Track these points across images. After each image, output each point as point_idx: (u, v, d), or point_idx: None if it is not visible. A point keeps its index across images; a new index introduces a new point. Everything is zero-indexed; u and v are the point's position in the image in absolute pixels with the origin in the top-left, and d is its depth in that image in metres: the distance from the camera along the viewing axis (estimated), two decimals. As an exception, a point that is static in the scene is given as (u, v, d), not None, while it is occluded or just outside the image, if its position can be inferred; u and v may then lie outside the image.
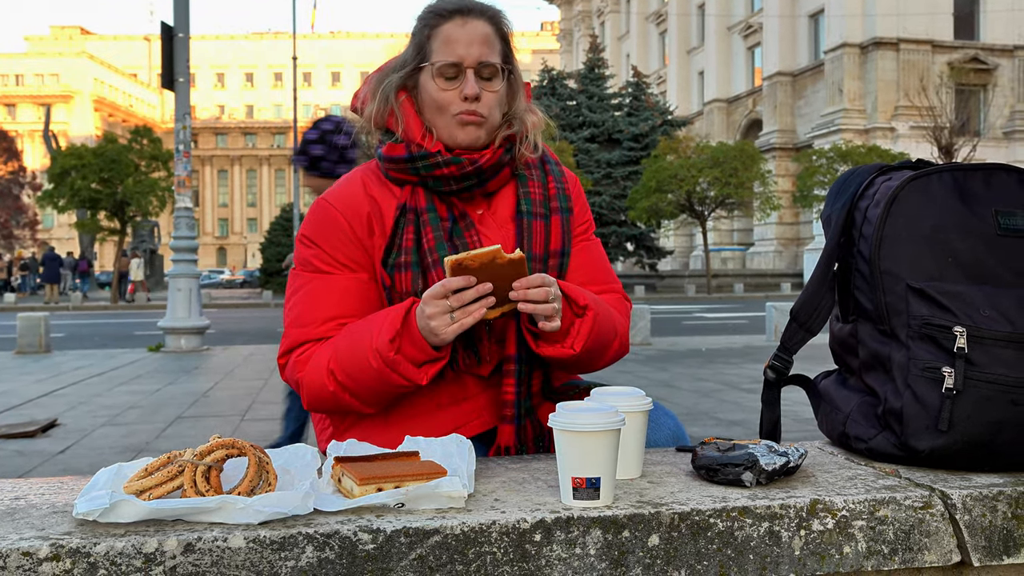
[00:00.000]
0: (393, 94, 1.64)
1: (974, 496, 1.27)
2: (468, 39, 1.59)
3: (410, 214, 1.62)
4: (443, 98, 1.60)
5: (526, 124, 1.68)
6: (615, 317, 1.67)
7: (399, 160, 1.62)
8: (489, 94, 1.61)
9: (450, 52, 1.59)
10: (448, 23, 1.60)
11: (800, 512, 1.22)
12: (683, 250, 49.67)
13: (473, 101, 1.59)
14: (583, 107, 38.85)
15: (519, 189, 1.69)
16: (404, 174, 1.63)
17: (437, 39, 1.61)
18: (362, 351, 1.50)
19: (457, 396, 1.63)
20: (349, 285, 1.61)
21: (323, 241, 1.62)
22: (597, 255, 1.77)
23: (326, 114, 4.29)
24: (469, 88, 1.58)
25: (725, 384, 7.39)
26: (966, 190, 1.43)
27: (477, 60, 1.59)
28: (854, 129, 37.31)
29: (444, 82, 1.60)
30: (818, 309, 1.53)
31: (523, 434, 1.62)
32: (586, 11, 69.43)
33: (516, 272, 1.46)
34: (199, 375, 8.33)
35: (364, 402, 1.55)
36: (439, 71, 1.60)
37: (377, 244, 1.62)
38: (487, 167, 1.62)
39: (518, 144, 1.67)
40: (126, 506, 1.10)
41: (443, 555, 1.12)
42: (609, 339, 1.64)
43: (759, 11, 45.06)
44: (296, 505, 1.13)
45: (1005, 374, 1.32)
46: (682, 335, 12.99)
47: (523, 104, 1.69)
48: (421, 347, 1.48)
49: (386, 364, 1.48)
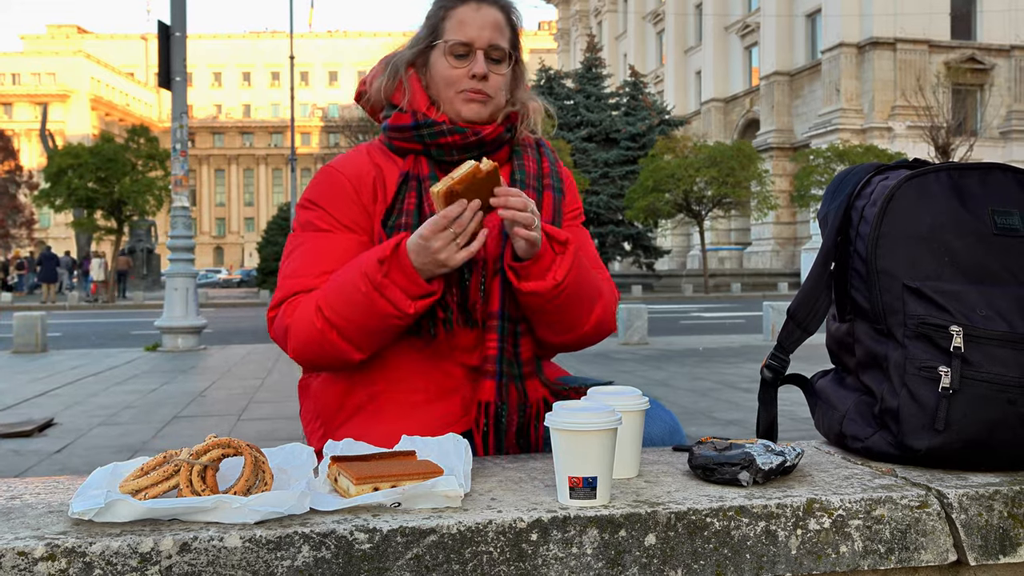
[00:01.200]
0: (403, 68, 1.73)
1: (970, 495, 1.27)
2: (481, 23, 1.68)
3: (412, 181, 1.68)
4: (452, 75, 1.68)
5: (528, 107, 1.77)
6: (598, 279, 1.70)
7: (405, 128, 1.68)
8: (496, 76, 1.69)
9: (463, 33, 1.67)
10: (463, 7, 1.69)
11: (797, 511, 1.22)
12: (680, 249, 49.70)
13: (481, 80, 1.67)
14: (580, 106, 38.86)
15: (514, 161, 1.76)
16: (408, 142, 1.69)
17: (451, 20, 1.69)
18: (351, 280, 1.53)
19: (447, 387, 1.64)
20: (349, 244, 1.65)
21: (327, 203, 1.68)
22: (586, 242, 1.81)
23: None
24: (478, 67, 1.66)
25: (722, 383, 7.39)
26: (963, 189, 1.43)
27: (488, 42, 1.67)
28: (851, 129, 37.35)
29: (455, 60, 1.68)
30: (815, 308, 1.53)
31: (506, 395, 1.62)
32: (583, 11, 69.46)
33: (493, 183, 1.51)
34: (196, 375, 8.32)
35: (351, 342, 1.56)
36: (451, 49, 1.68)
37: (379, 210, 1.67)
38: (489, 139, 1.69)
39: (519, 123, 1.75)
40: (122, 506, 1.10)
41: (439, 554, 1.12)
42: (591, 295, 1.66)
43: (756, 11, 45.10)
44: (292, 504, 1.13)
45: (1001, 373, 1.32)
46: (679, 334, 13.00)
47: (525, 93, 1.78)
48: (411, 277, 1.51)
49: (374, 287, 1.50)
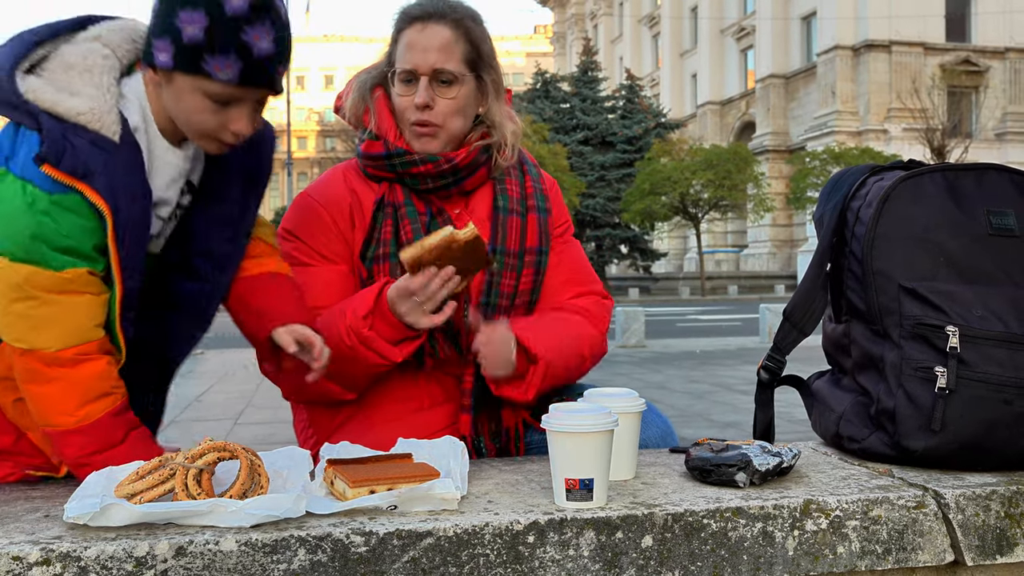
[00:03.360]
0: (368, 92, 1.67)
1: (967, 496, 1.27)
2: (424, 45, 1.59)
3: (388, 208, 1.64)
4: (401, 104, 1.63)
5: (505, 135, 1.67)
6: (581, 341, 1.69)
7: (377, 157, 1.64)
8: (445, 101, 1.61)
9: (407, 59, 1.60)
10: (410, 28, 1.62)
11: (794, 512, 1.22)
12: (677, 252, 49.71)
13: (424, 110, 1.60)
14: (576, 110, 38.88)
15: (496, 186, 1.71)
16: (382, 171, 1.66)
17: (401, 44, 1.63)
18: (336, 332, 1.53)
19: (438, 398, 1.64)
20: (331, 277, 1.64)
21: (305, 234, 1.65)
22: (576, 255, 1.80)
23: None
24: (419, 96, 1.59)
25: (719, 386, 7.39)
26: (958, 190, 1.44)
27: (432, 67, 1.59)
28: (847, 131, 37.39)
29: (402, 87, 1.62)
30: (811, 310, 1.53)
31: (480, 427, 1.66)
32: (579, 14, 69.54)
33: (475, 246, 1.48)
34: (193, 379, 8.30)
35: (341, 384, 1.58)
36: (398, 77, 1.62)
37: (357, 238, 1.65)
38: (463, 165, 1.64)
39: (495, 153, 1.68)
40: (117, 510, 1.10)
41: (436, 557, 1.12)
42: (573, 365, 1.68)
43: (751, 13, 45.17)
44: (288, 508, 1.12)
45: (998, 373, 1.33)
46: (676, 337, 13.00)
47: (501, 111, 1.68)
48: (394, 325, 1.52)
49: (360, 341, 1.51)
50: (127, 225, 1.31)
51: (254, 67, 1.31)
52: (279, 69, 1.35)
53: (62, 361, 1.31)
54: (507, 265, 1.66)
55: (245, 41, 1.28)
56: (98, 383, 1.34)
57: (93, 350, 1.33)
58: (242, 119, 1.35)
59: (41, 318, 1.30)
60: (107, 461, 1.29)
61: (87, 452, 1.33)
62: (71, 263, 1.28)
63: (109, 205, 1.28)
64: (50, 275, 1.28)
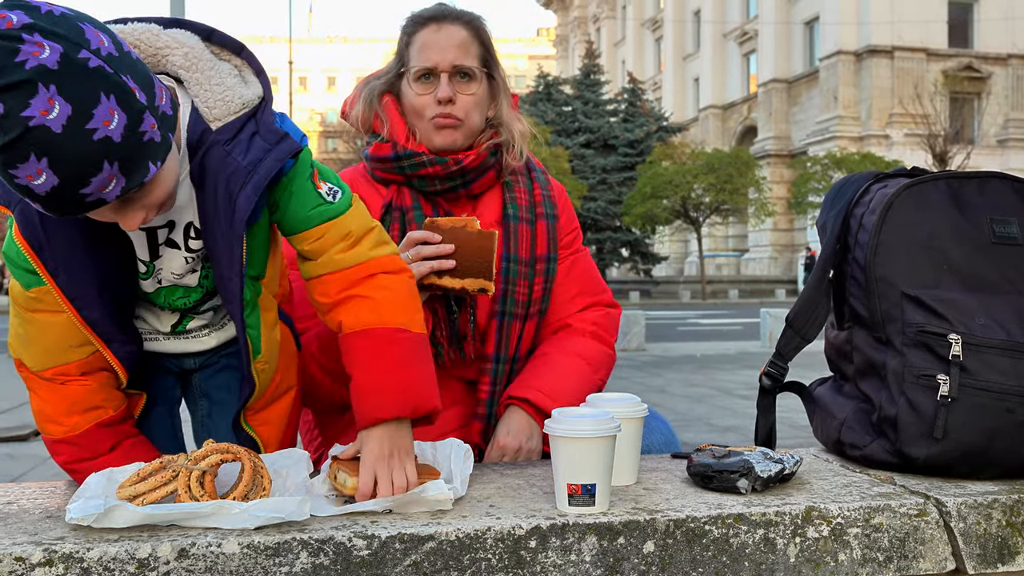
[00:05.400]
0: (376, 99, 1.69)
1: (969, 504, 1.27)
2: (443, 44, 1.63)
3: (396, 212, 1.66)
4: (419, 103, 1.64)
5: (513, 133, 1.70)
6: (597, 371, 1.73)
7: (386, 159, 1.66)
8: (465, 97, 1.64)
9: (425, 58, 1.63)
10: (424, 30, 1.65)
11: (795, 519, 1.22)
12: (678, 256, 49.69)
13: (447, 104, 1.62)
14: (579, 113, 38.88)
15: (506, 194, 1.72)
16: (390, 173, 1.67)
17: (414, 46, 1.65)
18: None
19: (446, 401, 1.64)
20: None
21: None
22: (586, 266, 1.80)
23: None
24: (442, 91, 1.62)
25: (719, 390, 7.39)
26: (961, 198, 1.44)
27: (451, 64, 1.63)
28: (849, 136, 37.42)
29: (420, 87, 1.64)
30: (814, 316, 1.53)
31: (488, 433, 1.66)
32: (582, 17, 69.57)
33: (486, 246, 1.51)
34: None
35: (344, 385, 1.57)
36: (415, 76, 1.64)
37: None
38: (471, 167, 1.65)
39: (504, 152, 1.70)
40: (120, 511, 1.10)
41: (438, 561, 1.12)
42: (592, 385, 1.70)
43: (754, 18, 45.20)
44: (292, 511, 1.12)
45: (1000, 382, 1.33)
46: (677, 341, 12.99)
47: (509, 111, 1.72)
48: None
49: None
50: (56, 258, 1.25)
51: (50, 201, 1.05)
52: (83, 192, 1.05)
53: (45, 379, 1.36)
54: (520, 273, 1.67)
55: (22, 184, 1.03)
56: (85, 398, 1.36)
57: (72, 372, 1.35)
58: (125, 221, 1.17)
59: (25, 335, 1.35)
60: (97, 467, 1.29)
61: (76, 459, 1.38)
62: (35, 282, 1.29)
63: (26, 240, 1.24)
64: (21, 292, 1.32)
